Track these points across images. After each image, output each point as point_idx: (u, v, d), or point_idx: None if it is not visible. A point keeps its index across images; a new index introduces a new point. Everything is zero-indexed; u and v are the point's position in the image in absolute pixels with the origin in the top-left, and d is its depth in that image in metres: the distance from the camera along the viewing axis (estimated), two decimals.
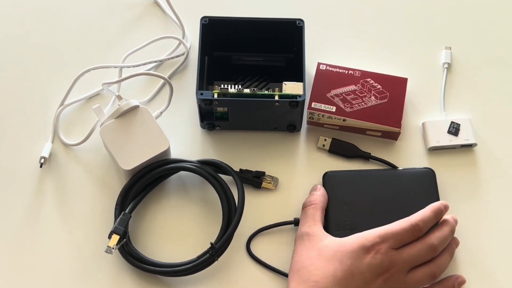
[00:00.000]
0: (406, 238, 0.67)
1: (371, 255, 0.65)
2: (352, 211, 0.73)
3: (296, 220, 0.73)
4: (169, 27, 0.88)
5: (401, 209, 0.71)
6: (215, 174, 0.74)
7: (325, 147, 0.78)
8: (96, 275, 0.72)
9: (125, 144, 0.74)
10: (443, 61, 0.84)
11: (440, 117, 0.80)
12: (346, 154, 0.78)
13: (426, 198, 0.73)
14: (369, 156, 0.78)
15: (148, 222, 0.75)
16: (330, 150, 0.78)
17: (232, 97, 0.74)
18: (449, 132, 0.78)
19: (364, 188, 0.74)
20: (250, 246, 0.73)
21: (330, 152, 0.78)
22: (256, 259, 0.73)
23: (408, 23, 0.88)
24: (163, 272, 0.71)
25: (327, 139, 0.78)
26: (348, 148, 0.78)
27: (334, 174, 0.75)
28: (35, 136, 0.80)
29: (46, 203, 0.76)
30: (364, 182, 0.74)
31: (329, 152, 0.78)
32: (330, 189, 0.74)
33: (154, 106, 0.82)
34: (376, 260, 0.65)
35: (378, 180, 0.75)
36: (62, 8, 0.89)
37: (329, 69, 0.80)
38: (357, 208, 0.73)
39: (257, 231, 0.74)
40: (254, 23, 0.80)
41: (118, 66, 0.82)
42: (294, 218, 0.74)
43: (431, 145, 0.78)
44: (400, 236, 0.66)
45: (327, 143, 0.78)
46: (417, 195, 0.73)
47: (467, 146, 0.78)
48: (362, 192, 0.74)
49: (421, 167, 0.76)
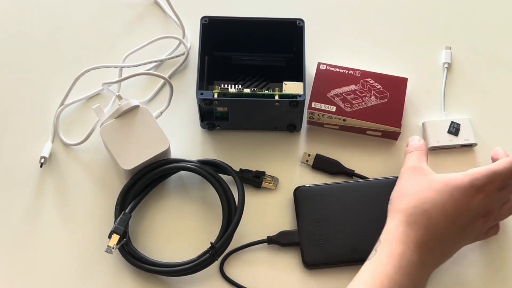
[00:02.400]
0: (509, 178, 0.67)
1: (481, 196, 0.65)
2: (325, 225, 0.72)
3: (269, 238, 0.73)
4: (169, 27, 0.88)
5: (375, 218, 0.70)
6: (215, 174, 0.74)
7: (309, 163, 0.78)
8: (96, 275, 0.72)
9: (125, 144, 0.74)
10: (443, 61, 0.84)
11: (440, 117, 0.80)
12: (330, 171, 0.77)
13: None
14: (352, 174, 0.77)
15: (148, 222, 0.75)
16: (313, 166, 0.78)
17: (232, 97, 0.74)
18: (449, 132, 0.78)
19: (337, 201, 0.73)
20: (223, 268, 0.73)
21: (313, 168, 0.78)
22: (231, 281, 0.72)
23: (408, 23, 0.88)
24: (163, 272, 0.71)
25: (311, 154, 0.78)
26: (331, 165, 0.78)
27: (306, 189, 0.75)
28: (35, 136, 0.80)
29: (46, 203, 0.76)
30: (336, 195, 0.74)
31: (312, 167, 0.78)
32: (302, 204, 0.74)
33: (154, 106, 0.82)
34: (484, 202, 0.65)
35: (350, 192, 0.74)
36: (62, 8, 0.89)
37: (329, 69, 0.80)
38: (330, 222, 0.72)
39: (229, 253, 0.73)
40: (254, 23, 0.80)
41: (118, 66, 0.82)
42: (267, 237, 0.73)
43: (431, 145, 0.78)
44: (505, 177, 0.66)
45: (310, 158, 0.78)
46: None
47: (467, 146, 0.78)
48: (334, 205, 0.73)
49: (394, 176, 0.74)
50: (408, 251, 0.62)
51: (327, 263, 0.72)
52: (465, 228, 0.65)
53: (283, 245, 0.73)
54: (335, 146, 0.79)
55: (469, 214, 0.65)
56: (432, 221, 0.64)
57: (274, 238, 0.73)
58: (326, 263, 0.72)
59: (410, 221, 0.64)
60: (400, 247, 0.62)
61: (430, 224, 0.64)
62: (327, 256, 0.71)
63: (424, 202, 0.65)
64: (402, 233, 0.63)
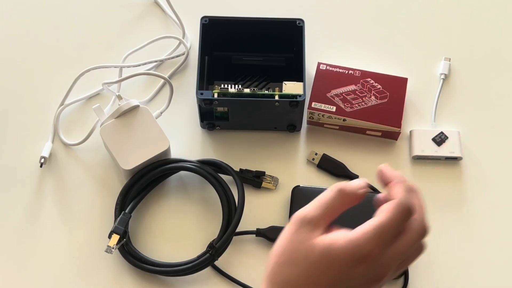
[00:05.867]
0: (400, 228, 0.55)
1: (363, 266, 0.54)
2: None
3: (258, 230, 0.73)
4: (169, 27, 0.88)
5: None
6: (215, 174, 0.74)
7: (314, 161, 0.78)
8: (96, 275, 0.72)
9: (125, 144, 0.74)
10: (440, 71, 0.83)
11: (429, 127, 0.80)
12: (334, 172, 0.78)
13: None
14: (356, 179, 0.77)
15: (148, 222, 0.75)
16: (318, 165, 0.78)
17: (232, 97, 0.74)
18: (433, 140, 0.77)
19: None
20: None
21: (318, 167, 0.78)
22: (223, 273, 0.72)
23: (409, 23, 0.88)
24: (163, 272, 0.71)
25: (318, 153, 0.78)
26: (336, 166, 0.78)
27: (304, 189, 0.75)
28: (35, 136, 0.80)
29: (46, 203, 0.76)
30: None
31: (317, 167, 0.78)
32: (298, 203, 0.74)
33: (154, 106, 0.82)
34: (368, 270, 0.54)
35: None
36: (62, 8, 0.89)
37: (329, 69, 0.80)
38: None
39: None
40: (254, 23, 0.80)
41: (118, 66, 0.82)
42: (257, 229, 0.73)
43: (415, 154, 0.77)
44: (392, 229, 0.55)
45: (317, 157, 0.78)
46: None
47: (453, 159, 0.78)
48: None
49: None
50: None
51: None
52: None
53: (270, 239, 0.73)
54: (335, 146, 0.79)
55: (350, 286, 0.55)
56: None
57: (263, 232, 0.73)
58: None
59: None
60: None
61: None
62: None
63: (296, 277, 0.54)
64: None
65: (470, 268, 0.73)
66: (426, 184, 0.77)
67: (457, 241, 0.74)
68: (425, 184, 0.77)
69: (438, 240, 0.74)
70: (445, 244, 0.74)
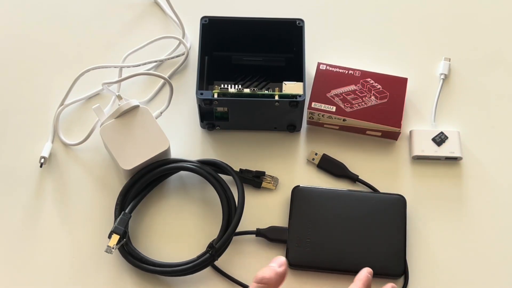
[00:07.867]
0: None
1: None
2: (315, 229, 0.72)
3: (258, 230, 0.73)
4: (169, 27, 0.88)
5: (365, 233, 0.71)
6: (215, 174, 0.74)
7: (314, 161, 0.78)
8: (96, 275, 0.72)
9: (125, 144, 0.74)
10: (440, 71, 0.83)
11: (429, 127, 0.80)
12: (334, 172, 0.77)
13: (393, 225, 0.72)
14: (356, 179, 0.77)
15: (148, 222, 0.75)
16: (318, 165, 0.78)
17: (232, 97, 0.74)
18: (433, 140, 0.77)
19: (333, 207, 0.73)
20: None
21: (318, 167, 0.78)
22: (221, 272, 0.72)
23: (409, 23, 0.88)
24: (163, 272, 0.71)
25: (318, 153, 0.78)
26: (336, 167, 0.78)
27: (305, 189, 0.75)
28: (35, 136, 0.80)
29: (46, 203, 0.76)
30: (334, 201, 0.73)
31: (317, 167, 0.78)
32: (298, 203, 0.74)
33: (154, 106, 0.82)
34: None
35: (348, 201, 0.74)
36: (62, 8, 0.89)
37: (329, 69, 0.80)
38: (321, 226, 0.72)
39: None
40: (254, 23, 0.80)
41: (118, 66, 0.82)
42: (257, 229, 0.73)
43: (415, 154, 0.77)
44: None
45: (317, 157, 0.78)
46: (384, 221, 0.72)
47: (452, 159, 0.78)
48: (329, 211, 0.73)
49: (394, 193, 0.74)
50: None
51: (309, 266, 0.71)
52: None
53: (270, 240, 0.73)
54: (335, 146, 0.79)
55: None
56: None
57: (262, 232, 0.73)
58: (308, 266, 0.71)
59: None
60: None
61: None
62: (311, 259, 0.71)
63: None
64: None
65: (470, 268, 0.73)
66: (426, 184, 0.77)
67: (457, 241, 0.74)
68: (425, 184, 0.77)
69: (438, 240, 0.74)
70: (445, 244, 0.74)
